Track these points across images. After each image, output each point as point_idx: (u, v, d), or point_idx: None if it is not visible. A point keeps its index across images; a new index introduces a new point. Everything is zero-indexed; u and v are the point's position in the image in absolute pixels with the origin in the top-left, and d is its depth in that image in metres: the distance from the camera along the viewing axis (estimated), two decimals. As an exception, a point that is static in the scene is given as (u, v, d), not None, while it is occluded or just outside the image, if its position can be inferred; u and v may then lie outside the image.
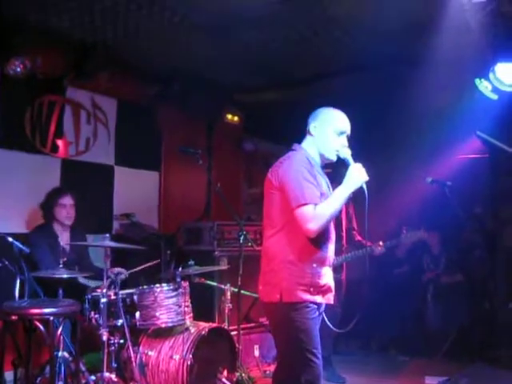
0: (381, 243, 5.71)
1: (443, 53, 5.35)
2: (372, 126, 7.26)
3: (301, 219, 3.32)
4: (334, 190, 3.51)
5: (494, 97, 5.60)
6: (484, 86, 5.54)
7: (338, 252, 5.50)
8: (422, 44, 5.36)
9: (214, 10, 5.21)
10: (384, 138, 7.63)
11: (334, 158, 3.58)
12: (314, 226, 3.30)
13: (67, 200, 5.47)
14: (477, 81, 5.58)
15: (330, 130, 3.55)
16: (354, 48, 5.98)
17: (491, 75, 5.28)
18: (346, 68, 6.56)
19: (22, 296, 4.50)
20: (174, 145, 7.14)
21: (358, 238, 5.98)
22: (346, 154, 3.52)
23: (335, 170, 3.91)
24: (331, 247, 3.57)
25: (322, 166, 3.66)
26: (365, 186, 3.43)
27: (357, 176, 3.40)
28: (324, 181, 3.59)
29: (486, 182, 7.66)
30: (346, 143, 3.58)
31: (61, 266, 4.47)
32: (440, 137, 6.69)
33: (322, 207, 3.32)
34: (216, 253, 6.34)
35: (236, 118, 8.08)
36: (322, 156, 3.61)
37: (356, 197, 3.63)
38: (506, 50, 5.08)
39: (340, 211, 4.10)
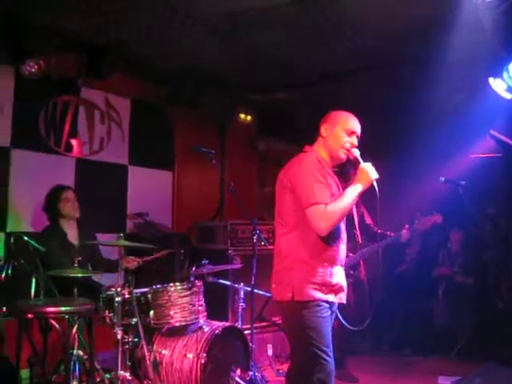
0: (407, 226, 5.70)
1: (456, 52, 5.34)
2: (385, 126, 7.25)
3: (312, 218, 3.36)
4: (343, 189, 3.56)
5: (508, 96, 5.58)
6: (498, 85, 5.51)
7: (353, 251, 5.52)
8: (435, 43, 5.35)
9: (225, 11, 5.25)
10: (397, 138, 7.62)
11: (344, 157, 3.64)
12: (325, 225, 3.35)
13: (69, 194, 5.49)
14: (491, 80, 5.55)
15: (339, 130, 3.61)
16: (366, 48, 5.98)
17: (505, 74, 5.26)
18: (358, 68, 6.55)
19: (37, 295, 4.53)
20: (187, 144, 7.18)
21: (379, 230, 5.92)
22: (356, 153, 3.58)
23: (342, 170, 3.96)
24: (342, 247, 3.61)
25: (333, 167, 3.71)
26: (376, 185, 3.48)
27: (367, 174, 3.46)
28: (334, 182, 3.64)
29: (499, 182, 7.62)
30: (356, 143, 3.63)
31: (76, 264, 4.50)
32: (453, 136, 6.66)
33: (333, 206, 3.37)
34: (229, 252, 6.36)
35: (249, 118, 8.10)
36: (332, 156, 3.66)
37: (367, 197, 3.65)
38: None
39: (351, 211, 4.13)
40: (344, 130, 3.60)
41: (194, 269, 5.10)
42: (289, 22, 5.47)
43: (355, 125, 3.65)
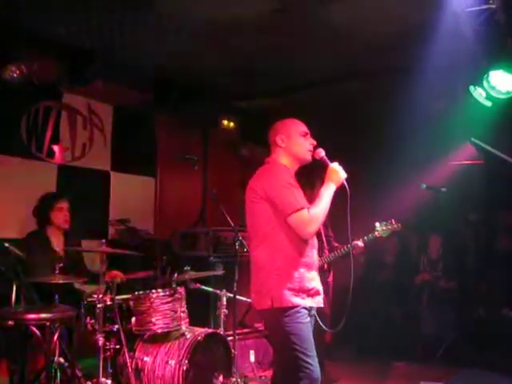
0: (359, 241, 5.69)
1: (437, 60, 5.39)
2: (367, 133, 7.31)
3: (299, 224, 3.40)
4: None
5: (489, 104, 5.63)
6: (478, 93, 5.57)
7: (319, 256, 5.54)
8: (415, 52, 5.40)
9: (210, 18, 5.25)
10: (379, 145, 7.68)
11: (310, 158, 3.72)
12: (311, 228, 3.43)
13: (64, 204, 5.48)
14: (471, 88, 5.61)
15: (296, 136, 3.71)
16: (349, 56, 6.02)
17: (485, 83, 5.31)
18: (340, 75, 6.60)
19: (18, 301, 4.49)
20: (170, 151, 7.17)
21: (335, 244, 5.93)
22: (322, 153, 3.68)
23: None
24: (315, 252, 3.66)
25: (295, 174, 3.76)
26: (346, 184, 3.58)
27: (338, 174, 3.57)
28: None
29: (480, 189, 7.70)
30: (314, 142, 3.74)
31: (57, 271, 4.47)
32: (435, 143, 6.73)
33: (314, 209, 3.43)
34: (211, 258, 6.35)
35: (232, 124, 8.10)
36: (299, 161, 3.74)
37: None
38: (499, 58, 5.11)
39: None
40: (300, 134, 3.71)
41: (176, 275, 5.08)
42: (273, 29, 5.50)
43: (304, 127, 3.78)
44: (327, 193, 3.51)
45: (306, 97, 7.34)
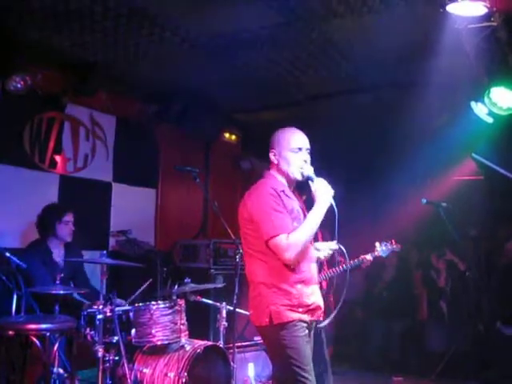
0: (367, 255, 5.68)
1: (439, 76, 5.43)
2: (369, 148, 7.33)
3: (276, 250, 3.38)
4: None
5: (490, 120, 5.66)
6: (479, 109, 5.60)
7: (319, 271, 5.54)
8: (417, 67, 5.44)
9: (213, 31, 5.30)
10: (380, 160, 7.71)
11: (300, 176, 3.60)
12: (290, 254, 3.36)
13: (70, 217, 5.48)
14: (472, 104, 5.64)
15: (286, 153, 3.59)
16: (350, 71, 6.06)
17: (486, 99, 5.35)
18: (342, 90, 6.64)
19: (18, 311, 4.50)
20: (172, 163, 7.18)
21: (340, 258, 5.91)
22: (309, 171, 3.57)
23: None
24: (313, 266, 3.63)
25: (293, 188, 3.71)
26: (333, 201, 3.49)
27: (323, 192, 3.49)
28: (295, 203, 3.63)
29: (480, 204, 7.71)
30: (308, 157, 3.62)
31: (57, 282, 4.47)
32: (435, 158, 6.75)
33: (295, 234, 3.38)
34: (212, 270, 6.35)
35: (233, 137, 8.16)
36: (289, 178, 3.64)
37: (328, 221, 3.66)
38: (500, 75, 5.15)
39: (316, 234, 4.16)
40: (291, 151, 3.57)
41: (176, 287, 5.08)
42: (275, 43, 5.54)
43: (300, 141, 3.62)
44: (312, 216, 3.44)
45: (308, 110, 7.37)
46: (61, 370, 4.27)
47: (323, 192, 3.49)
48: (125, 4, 4.77)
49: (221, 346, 5.16)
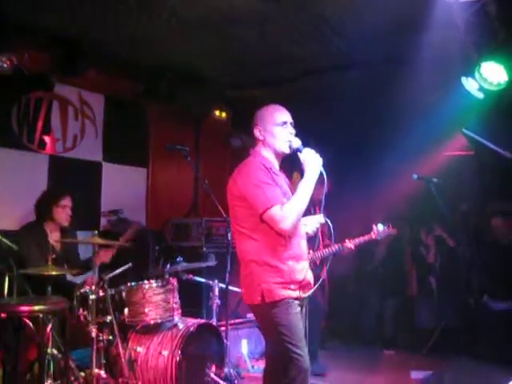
0: (348, 242, 5.72)
1: (430, 51, 5.41)
2: (360, 124, 7.31)
3: (271, 222, 3.39)
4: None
5: (480, 95, 5.65)
6: (470, 84, 5.58)
7: (314, 247, 5.57)
8: (408, 42, 5.41)
9: (203, 6, 5.23)
10: (371, 136, 7.70)
11: (287, 149, 3.63)
12: (285, 225, 3.38)
13: (68, 201, 5.44)
14: (463, 79, 5.62)
15: (272, 127, 3.62)
16: (341, 46, 6.03)
17: (477, 74, 5.33)
18: (333, 66, 6.60)
19: (10, 294, 4.49)
20: (162, 141, 7.14)
21: (328, 241, 5.95)
22: (297, 143, 3.60)
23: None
24: (303, 242, 3.65)
25: (279, 165, 3.72)
26: (323, 170, 3.51)
27: (312, 161, 3.51)
28: (283, 180, 3.68)
29: (471, 179, 7.74)
30: (293, 131, 3.65)
31: (49, 263, 4.46)
32: (426, 134, 6.74)
33: (289, 204, 3.41)
34: (204, 249, 6.36)
35: (224, 115, 8.10)
36: (276, 153, 3.67)
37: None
38: (490, 50, 5.13)
39: (311, 211, 4.16)
40: (276, 125, 3.61)
41: (168, 266, 5.09)
42: (264, 19, 5.49)
43: (283, 115, 3.66)
44: (303, 185, 3.46)
45: (298, 87, 7.33)
46: (55, 351, 4.28)
47: (312, 161, 3.51)
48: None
49: (214, 323, 5.20)
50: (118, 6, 5.19)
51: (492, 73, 5.27)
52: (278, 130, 3.62)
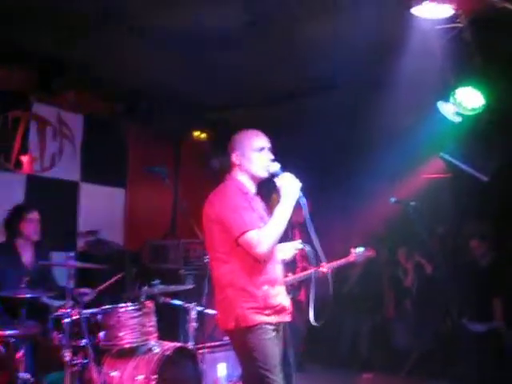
0: (324, 266, 5.69)
1: (407, 76, 5.47)
2: (337, 148, 7.36)
3: (247, 246, 3.37)
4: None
5: (457, 119, 5.72)
6: (446, 108, 5.65)
7: (291, 272, 5.56)
8: (386, 67, 5.47)
9: (184, 29, 5.27)
10: (349, 159, 7.74)
11: (265, 174, 3.61)
12: (261, 249, 3.36)
13: (34, 215, 5.39)
14: (439, 103, 5.69)
15: (250, 152, 3.61)
16: (319, 70, 6.07)
17: (453, 99, 5.40)
18: (311, 89, 6.64)
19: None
20: (141, 162, 7.14)
21: (304, 264, 5.92)
22: (275, 167, 3.58)
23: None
24: (278, 267, 3.64)
25: (255, 191, 3.71)
26: (301, 193, 3.49)
27: (290, 186, 3.48)
28: (259, 205, 3.68)
29: (448, 202, 7.80)
30: (271, 156, 3.63)
31: (23, 285, 4.40)
32: (404, 157, 6.80)
33: (266, 229, 3.39)
34: (182, 271, 6.32)
35: (203, 135, 8.10)
36: (253, 178, 3.65)
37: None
38: (467, 75, 5.20)
39: (289, 234, 4.14)
40: (254, 151, 3.59)
41: (145, 289, 5.04)
42: (246, 43, 5.54)
43: (261, 140, 3.64)
44: (280, 209, 3.43)
45: (278, 109, 7.37)
46: (27, 375, 4.21)
47: (289, 185, 3.48)
48: (92, 3, 4.72)
49: (190, 347, 5.13)
50: (96, 27, 5.19)
51: (468, 97, 5.34)
52: (255, 155, 3.60)
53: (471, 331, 6.69)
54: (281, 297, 3.56)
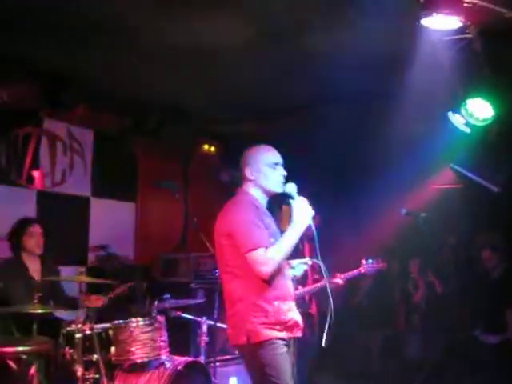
0: (339, 276, 5.67)
1: (416, 87, 5.46)
2: (348, 159, 7.34)
3: (253, 263, 3.36)
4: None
5: (467, 130, 5.70)
6: (456, 119, 5.63)
7: (302, 285, 5.54)
8: (395, 78, 5.46)
9: (190, 42, 5.27)
10: (360, 170, 7.72)
11: (279, 189, 3.62)
12: (266, 268, 3.35)
13: (36, 229, 5.38)
14: (449, 114, 5.67)
15: (265, 167, 3.61)
16: (329, 82, 6.07)
17: (463, 110, 5.38)
18: (321, 101, 6.65)
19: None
20: (151, 176, 7.15)
21: (316, 276, 5.91)
22: (292, 189, 3.58)
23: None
24: (289, 282, 3.63)
25: (267, 206, 3.71)
26: (312, 222, 3.49)
27: (303, 212, 3.47)
28: (271, 221, 3.66)
29: (459, 212, 7.75)
30: (284, 172, 3.64)
31: (35, 301, 4.39)
32: (415, 168, 6.78)
33: (273, 250, 3.38)
34: (193, 285, 6.31)
35: (212, 149, 8.13)
36: (267, 193, 3.66)
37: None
38: (476, 86, 5.19)
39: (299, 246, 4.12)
40: (268, 166, 3.61)
41: (156, 303, 5.03)
42: (251, 54, 5.55)
43: (275, 156, 3.66)
44: (290, 233, 3.43)
45: (286, 121, 7.37)
46: (39, 392, 4.21)
47: (302, 212, 3.48)
48: (100, 18, 4.74)
49: (201, 361, 5.12)
50: (105, 43, 5.22)
51: (478, 108, 5.33)
52: (269, 170, 3.60)
53: (484, 343, 6.63)
54: (292, 312, 3.55)
